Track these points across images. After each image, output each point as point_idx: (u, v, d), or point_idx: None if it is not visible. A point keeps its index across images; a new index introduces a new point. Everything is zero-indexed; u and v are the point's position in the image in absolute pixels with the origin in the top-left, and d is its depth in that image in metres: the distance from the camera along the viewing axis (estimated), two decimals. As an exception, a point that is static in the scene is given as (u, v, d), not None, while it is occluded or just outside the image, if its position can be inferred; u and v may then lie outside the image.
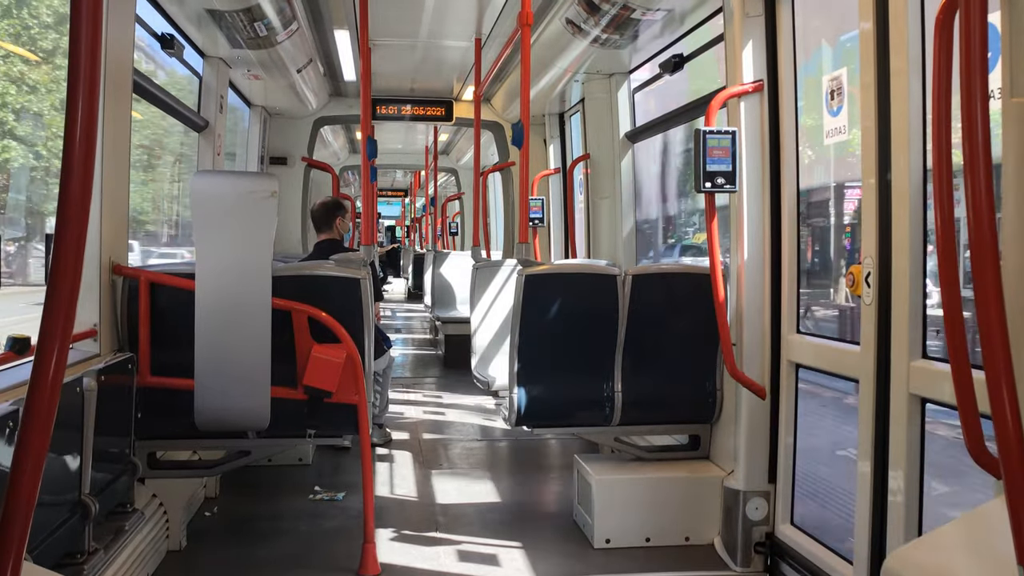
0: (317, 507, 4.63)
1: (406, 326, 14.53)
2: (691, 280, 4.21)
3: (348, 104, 8.46)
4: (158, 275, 3.66)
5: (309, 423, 3.81)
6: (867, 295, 2.93)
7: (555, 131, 8.04)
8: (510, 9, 5.63)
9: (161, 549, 3.74)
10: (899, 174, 2.78)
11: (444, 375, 9.31)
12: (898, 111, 2.77)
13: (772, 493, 3.76)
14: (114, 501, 3.31)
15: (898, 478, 2.79)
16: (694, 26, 4.91)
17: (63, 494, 2.73)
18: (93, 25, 1.27)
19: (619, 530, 4.02)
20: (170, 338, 3.63)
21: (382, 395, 6.03)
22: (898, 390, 2.80)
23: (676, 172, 7.65)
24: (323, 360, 3.65)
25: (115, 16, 3.44)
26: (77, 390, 2.81)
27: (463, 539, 4.14)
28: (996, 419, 1.41)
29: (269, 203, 3.52)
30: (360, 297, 3.82)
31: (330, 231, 5.64)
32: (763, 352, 3.75)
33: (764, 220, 3.74)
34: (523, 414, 4.13)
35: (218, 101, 5.67)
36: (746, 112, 3.75)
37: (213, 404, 3.58)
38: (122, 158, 3.62)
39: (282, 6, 4.93)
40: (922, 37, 2.72)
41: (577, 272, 4.45)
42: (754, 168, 3.75)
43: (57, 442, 2.61)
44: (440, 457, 5.80)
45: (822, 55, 3.74)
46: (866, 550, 2.95)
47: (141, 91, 4.31)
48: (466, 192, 14.10)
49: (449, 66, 7.47)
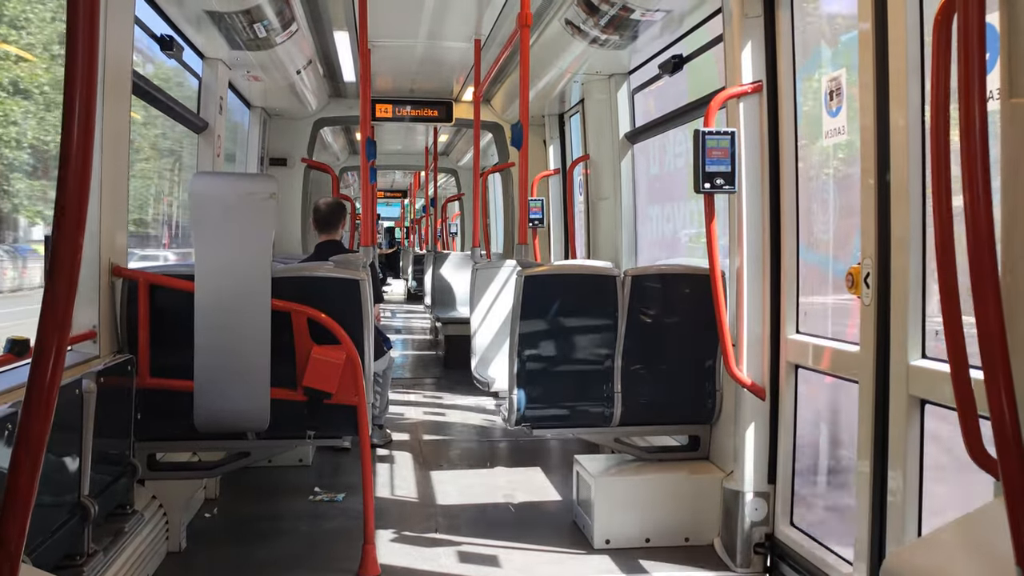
0: (317, 508, 4.63)
1: (406, 327, 14.54)
2: (691, 281, 4.21)
3: (348, 105, 8.46)
4: (158, 276, 3.66)
5: (309, 424, 3.81)
6: (866, 296, 2.93)
7: (555, 132, 8.04)
8: (509, 10, 5.63)
9: (161, 550, 3.74)
10: (898, 174, 2.78)
11: (444, 376, 9.31)
12: (897, 111, 2.77)
13: (772, 494, 3.76)
14: (114, 503, 3.31)
15: (897, 479, 2.79)
16: (693, 27, 4.91)
17: (62, 496, 2.73)
18: (90, 25, 1.27)
19: (619, 530, 4.02)
20: (170, 339, 3.63)
21: (382, 396, 6.03)
22: (897, 391, 2.80)
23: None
24: (323, 361, 3.65)
25: (114, 17, 3.44)
26: (76, 392, 2.81)
27: (463, 540, 4.15)
28: (994, 420, 1.41)
29: (269, 204, 3.53)
30: (360, 298, 3.82)
31: (333, 232, 5.63)
32: (763, 352, 3.75)
33: (764, 221, 3.74)
34: (523, 415, 4.13)
35: (218, 102, 5.67)
36: (745, 113, 3.74)
37: (213, 405, 3.58)
38: (121, 159, 3.62)
39: (281, 7, 4.93)
40: (921, 38, 2.72)
41: (576, 273, 4.45)
42: (753, 169, 3.75)
43: (56, 444, 2.62)
44: (440, 458, 5.80)
45: (821, 55, 3.74)
46: (865, 551, 2.94)
47: (141, 92, 4.31)
48: (466, 193, 14.09)
49: (449, 67, 7.47)
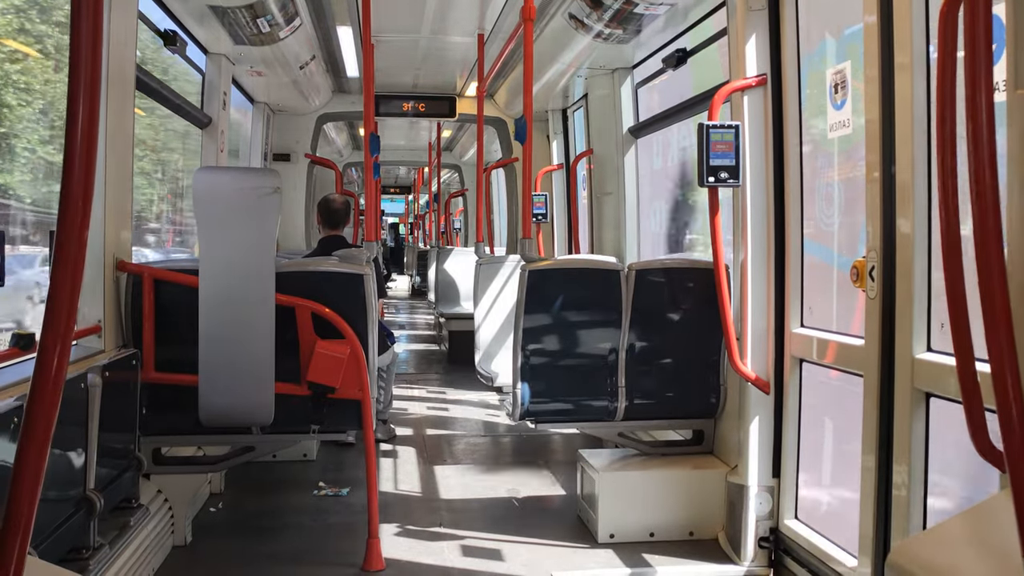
0: (321, 503, 4.64)
1: (410, 322, 14.55)
2: (694, 275, 4.20)
3: (351, 100, 8.45)
4: (162, 271, 3.67)
5: (313, 419, 3.82)
6: (871, 289, 2.93)
7: (558, 127, 8.03)
8: (513, 4, 5.61)
9: (166, 544, 3.75)
10: (903, 167, 2.77)
11: (448, 371, 9.32)
12: (902, 104, 2.76)
13: (776, 488, 3.76)
14: (119, 496, 3.32)
15: (902, 472, 2.79)
16: (697, 20, 4.89)
17: (68, 490, 2.73)
18: (94, 20, 1.27)
19: (623, 525, 4.02)
20: (174, 334, 3.64)
21: (386, 391, 6.03)
22: (902, 384, 2.79)
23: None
24: (327, 356, 3.66)
25: (118, 12, 3.44)
26: (81, 386, 2.81)
27: (467, 534, 4.15)
28: (1001, 413, 1.41)
29: (272, 199, 3.53)
30: (364, 293, 3.82)
31: (339, 228, 5.65)
32: (767, 346, 3.75)
33: (768, 214, 3.73)
34: (527, 409, 4.13)
35: (221, 98, 5.67)
36: (749, 106, 3.73)
37: (217, 400, 3.59)
38: (125, 154, 3.62)
39: (285, 2, 4.93)
40: (926, 30, 2.71)
41: (580, 267, 4.44)
42: (757, 162, 3.74)
43: (62, 438, 2.62)
44: (444, 452, 5.81)
45: (826, 48, 3.73)
46: (870, 544, 2.94)
47: (144, 87, 4.31)
48: (470, 188, 14.09)
49: (452, 62, 7.45)
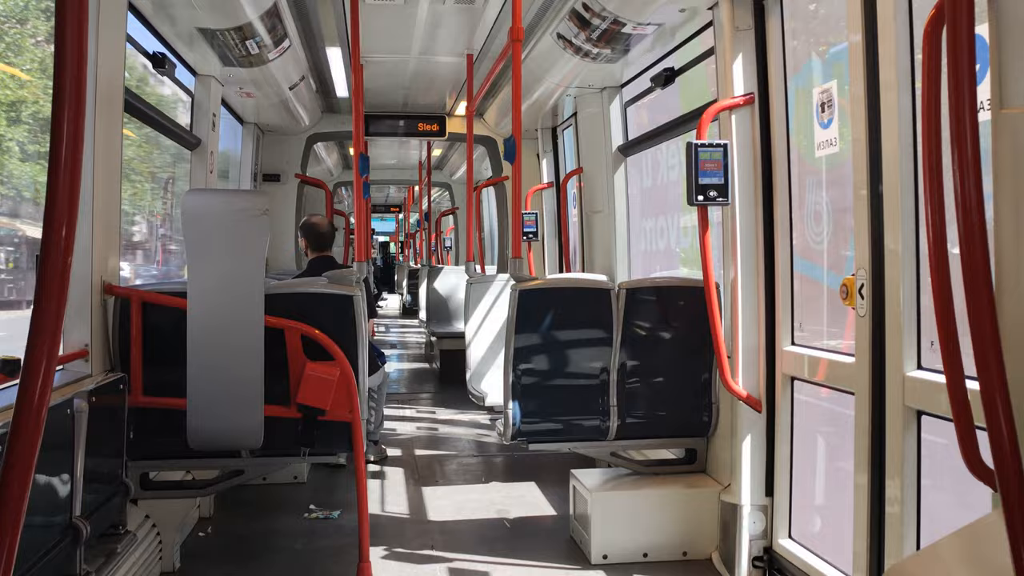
0: (312, 526, 4.59)
1: (401, 341, 14.51)
2: (685, 293, 4.21)
3: (341, 120, 8.47)
4: (150, 294, 3.64)
5: (303, 441, 3.78)
6: (861, 307, 2.93)
7: (548, 145, 8.05)
8: (501, 24, 5.65)
9: (154, 571, 3.70)
10: (890, 185, 2.78)
11: (440, 390, 9.28)
12: (888, 123, 2.78)
13: (770, 506, 3.75)
14: (106, 523, 3.28)
15: (895, 490, 2.78)
16: (685, 40, 4.93)
17: (54, 517, 2.70)
18: (78, 41, 1.26)
19: (616, 545, 4.00)
20: (162, 357, 3.61)
21: (377, 411, 6.00)
22: (893, 402, 2.79)
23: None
24: (317, 378, 3.63)
25: (106, 35, 3.44)
26: (68, 411, 2.78)
27: (459, 556, 4.12)
28: (991, 431, 1.40)
29: (261, 220, 3.51)
30: (353, 314, 3.81)
31: (327, 249, 5.67)
32: (758, 364, 3.74)
33: (757, 232, 3.75)
34: (518, 429, 4.11)
35: (210, 119, 5.67)
36: (737, 125, 3.75)
37: (206, 423, 3.55)
38: (113, 177, 3.61)
39: (274, 24, 4.94)
40: (911, 49, 2.73)
41: (571, 286, 4.44)
42: (746, 180, 3.76)
43: (47, 464, 2.59)
44: (435, 473, 5.77)
45: (812, 68, 3.75)
46: (864, 563, 2.93)
47: (132, 110, 4.31)
48: (460, 207, 14.11)
49: (441, 81, 7.49)
